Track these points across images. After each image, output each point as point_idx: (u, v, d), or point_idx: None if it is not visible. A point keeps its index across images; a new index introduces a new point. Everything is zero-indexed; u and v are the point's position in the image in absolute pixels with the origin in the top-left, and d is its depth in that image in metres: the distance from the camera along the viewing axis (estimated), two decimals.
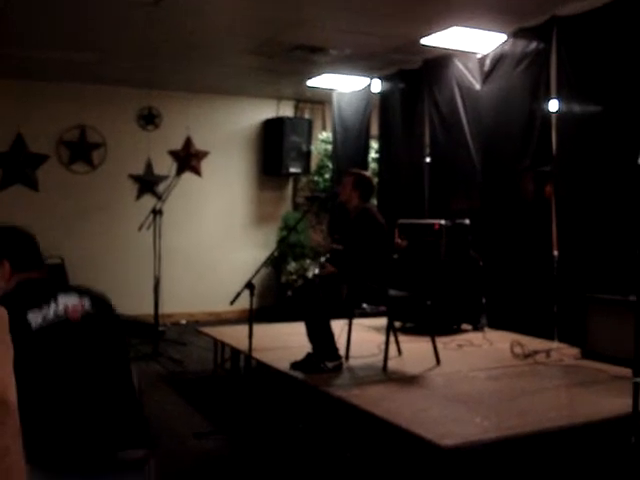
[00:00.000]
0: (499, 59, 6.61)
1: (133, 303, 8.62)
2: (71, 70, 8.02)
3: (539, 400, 4.24)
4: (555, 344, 5.82)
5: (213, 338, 6.24)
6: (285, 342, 5.73)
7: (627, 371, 4.21)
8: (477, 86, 6.90)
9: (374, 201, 8.40)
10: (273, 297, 9.51)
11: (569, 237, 5.90)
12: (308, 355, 4.90)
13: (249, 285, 4.37)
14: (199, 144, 9.44)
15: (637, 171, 5.26)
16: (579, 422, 3.78)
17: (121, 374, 2.37)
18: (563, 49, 5.90)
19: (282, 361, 5.02)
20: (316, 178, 9.77)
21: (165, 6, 5.61)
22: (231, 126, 9.75)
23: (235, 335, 5.79)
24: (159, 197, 8.40)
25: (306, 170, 9.73)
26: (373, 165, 8.93)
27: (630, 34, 5.20)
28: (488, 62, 6.76)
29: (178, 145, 9.34)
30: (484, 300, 6.79)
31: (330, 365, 4.85)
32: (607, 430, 3.84)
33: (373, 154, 9.05)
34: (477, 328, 6.61)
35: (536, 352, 5.44)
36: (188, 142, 9.36)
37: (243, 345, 4.75)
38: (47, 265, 2.51)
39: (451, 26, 6.10)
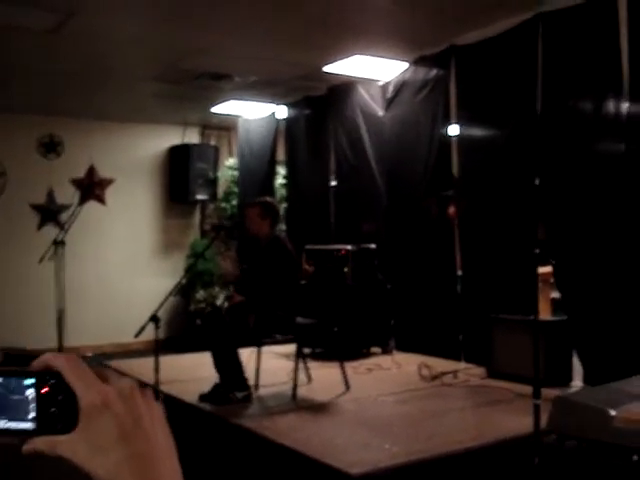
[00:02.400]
0: (401, 86, 6.75)
1: (36, 337, 8.33)
2: None
3: (446, 422, 4.30)
4: (462, 365, 5.93)
5: (119, 372, 6.08)
6: (194, 373, 5.64)
7: (530, 389, 4.31)
8: (380, 112, 7.02)
9: (282, 226, 8.42)
10: (182, 326, 9.36)
11: (472, 259, 6.05)
12: (216, 386, 4.84)
13: (154, 318, 4.30)
14: (103, 172, 9.23)
15: (534, 192, 5.45)
16: (485, 443, 3.85)
17: None
18: (461, 76, 6.09)
19: (191, 393, 4.95)
20: (223, 205, 9.71)
21: (65, 34, 5.51)
22: (136, 153, 9.59)
23: (142, 368, 5.65)
24: (62, 227, 8.17)
25: (213, 197, 9.66)
26: (281, 191, 8.95)
27: (521, 62, 5.40)
28: (390, 89, 6.90)
29: (81, 173, 9.12)
30: (393, 322, 6.87)
31: (239, 395, 4.81)
32: (513, 450, 3.92)
33: (281, 180, 9.07)
34: (386, 351, 6.68)
35: (443, 373, 5.53)
36: (91, 170, 9.15)
37: (150, 378, 4.65)
38: None
39: (353, 54, 6.20)
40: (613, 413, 2.71)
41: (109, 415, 0.59)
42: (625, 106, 4.75)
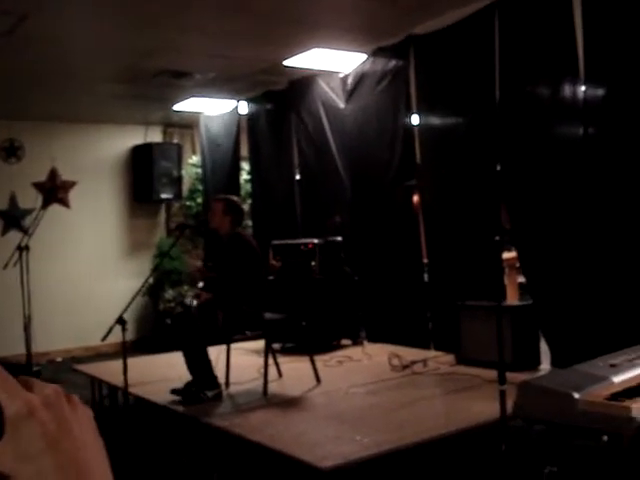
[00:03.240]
0: (361, 78, 6.76)
1: (5, 344, 8.24)
2: None
3: (417, 411, 4.33)
4: (432, 353, 5.97)
5: (89, 376, 6.04)
6: (164, 374, 5.60)
7: None
8: (341, 105, 7.02)
9: (249, 222, 8.40)
10: (151, 326, 9.32)
11: (437, 247, 6.09)
12: (187, 385, 4.82)
13: (120, 320, 4.27)
14: (66, 174, 9.13)
15: (496, 178, 5.50)
16: (454, 430, 3.88)
17: None
18: (420, 66, 6.11)
19: (161, 394, 4.92)
20: (189, 203, 9.67)
21: (20, 36, 5.42)
22: (99, 154, 9.50)
23: (111, 371, 5.62)
24: (26, 232, 8.07)
25: (178, 195, 9.60)
26: (246, 187, 8.93)
27: (478, 49, 5.43)
28: (350, 81, 6.90)
29: (43, 177, 9.01)
30: (362, 314, 6.89)
31: (210, 394, 4.79)
32: (482, 436, 3.96)
33: (245, 175, 9.05)
34: (356, 342, 6.70)
35: (413, 362, 5.55)
36: (53, 173, 9.03)
37: (120, 380, 4.62)
38: None
39: (311, 47, 6.18)
40: (577, 396, 2.74)
41: (35, 423, 0.58)
42: (581, 90, 4.80)
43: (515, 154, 5.27)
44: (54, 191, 9.03)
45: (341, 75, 7.01)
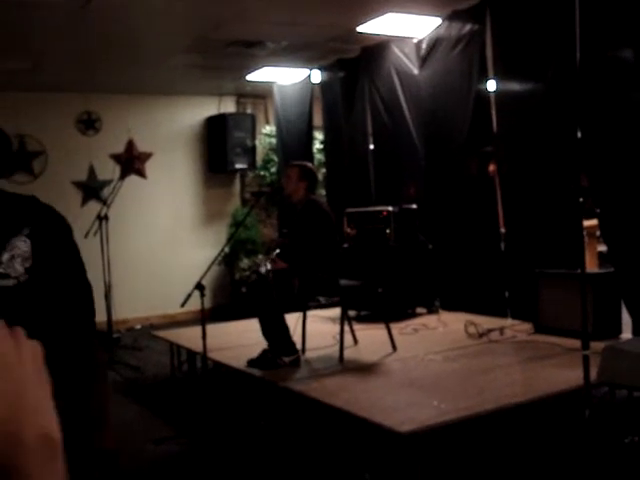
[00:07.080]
0: (435, 43, 6.65)
1: None
2: (4, 79, 7.84)
3: (494, 378, 4.28)
4: (508, 321, 5.90)
5: (168, 341, 6.18)
6: (241, 340, 5.70)
7: (579, 343, 4.27)
8: (415, 71, 6.93)
9: (322, 191, 8.41)
10: (228, 295, 9.46)
11: (515, 215, 5.98)
12: (264, 351, 4.88)
13: (199, 286, 4.34)
14: (142, 146, 9.31)
15: (576, 145, 5.35)
16: (534, 397, 3.83)
17: None
18: (497, 29, 5.96)
19: (239, 359, 5.00)
20: (263, 173, 9.74)
21: (93, 9, 5.51)
22: (174, 126, 9.65)
23: (190, 337, 5.74)
24: (104, 202, 8.26)
25: (252, 165, 9.68)
26: (319, 156, 8.93)
27: (558, 9, 5.26)
28: (425, 46, 6.79)
29: (120, 148, 9.20)
30: (437, 282, 6.84)
31: (287, 360, 4.84)
32: (562, 403, 3.90)
33: (318, 145, 9.05)
34: (431, 311, 6.67)
35: (490, 330, 5.50)
36: (130, 145, 9.22)
37: (198, 346, 4.71)
38: None
39: (386, 12, 6.10)
40: None
41: None
42: None
43: (597, 120, 5.11)
44: (131, 162, 9.22)
45: (415, 40, 6.91)
